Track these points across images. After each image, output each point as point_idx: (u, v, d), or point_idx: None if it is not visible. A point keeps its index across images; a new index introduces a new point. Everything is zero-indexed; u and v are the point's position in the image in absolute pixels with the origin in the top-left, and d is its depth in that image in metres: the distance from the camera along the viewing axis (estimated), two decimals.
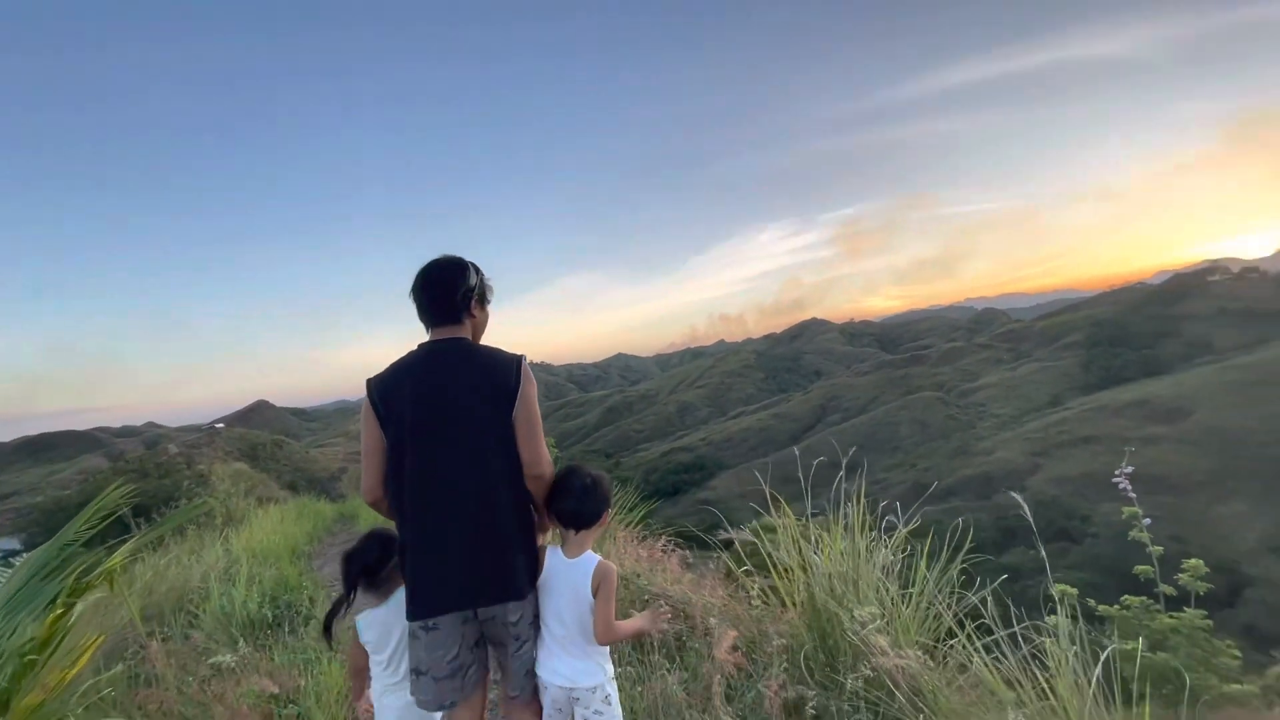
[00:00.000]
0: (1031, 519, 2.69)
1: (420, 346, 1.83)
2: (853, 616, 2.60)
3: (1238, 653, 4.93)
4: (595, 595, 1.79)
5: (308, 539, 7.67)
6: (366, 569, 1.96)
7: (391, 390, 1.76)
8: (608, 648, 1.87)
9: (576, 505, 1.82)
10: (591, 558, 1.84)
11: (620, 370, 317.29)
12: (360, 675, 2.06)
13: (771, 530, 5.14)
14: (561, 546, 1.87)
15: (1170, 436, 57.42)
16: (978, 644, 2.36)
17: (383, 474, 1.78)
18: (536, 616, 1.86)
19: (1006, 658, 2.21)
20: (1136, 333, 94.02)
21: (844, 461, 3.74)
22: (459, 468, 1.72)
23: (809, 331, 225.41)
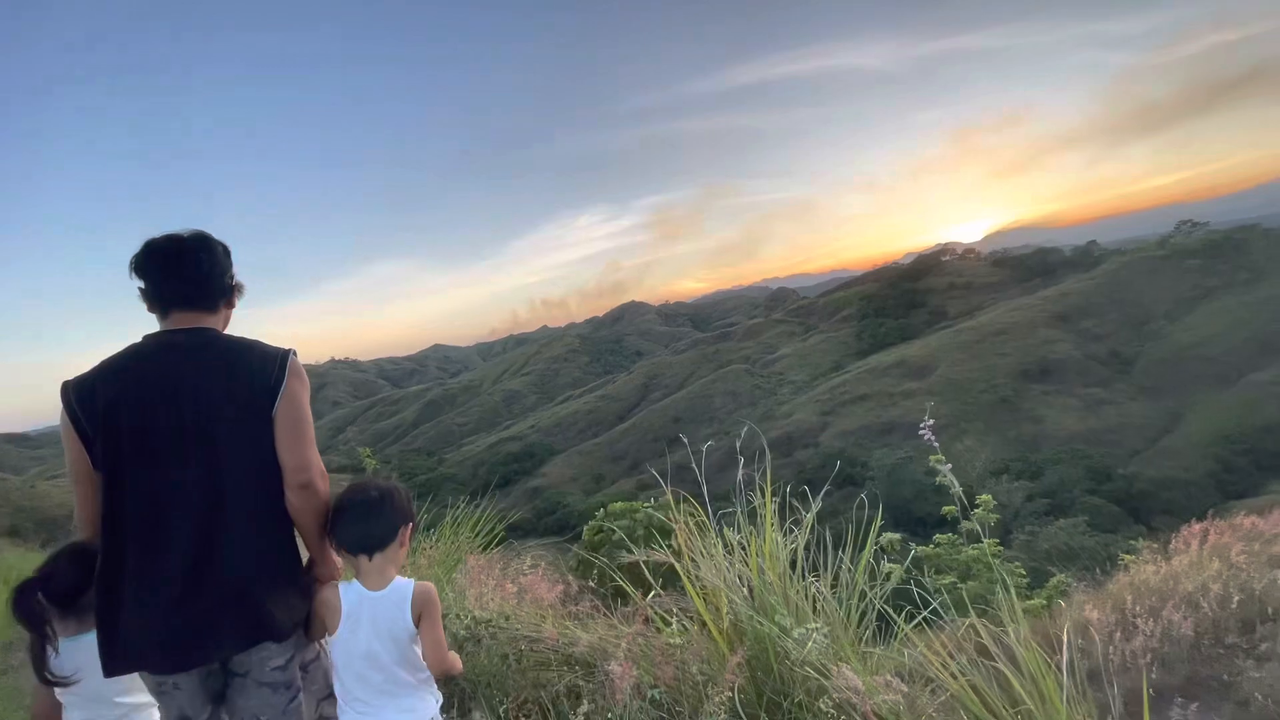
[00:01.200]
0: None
1: (148, 338, 1.47)
2: (791, 635, 2.10)
3: (1024, 573, 5.76)
4: (419, 624, 1.57)
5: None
6: (64, 596, 1.60)
7: (100, 395, 1.37)
8: (432, 681, 1.63)
9: (363, 527, 1.56)
10: (404, 584, 1.59)
11: (438, 362, 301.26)
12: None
13: (627, 515, 4.98)
14: (358, 579, 1.59)
15: (921, 390, 69.43)
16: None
17: (98, 503, 1.39)
18: (311, 663, 1.65)
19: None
20: (894, 305, 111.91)
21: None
22: (198, 488, 1.38)
23: (629, 314, 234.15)
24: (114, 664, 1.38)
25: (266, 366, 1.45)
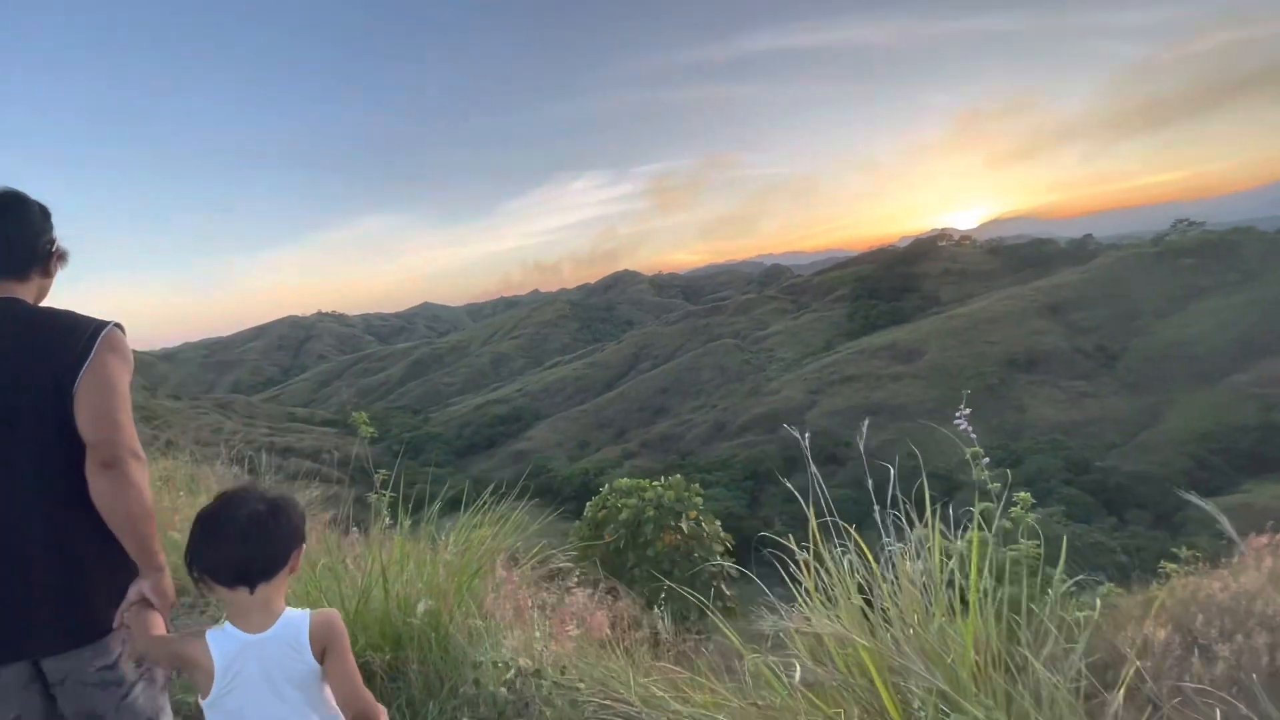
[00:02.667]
0: (808, 448, 2.44)
1: None
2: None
3: (1065, 577, 5.63)
4: (323, 661, 1.24)
5: None
6: None
7: None
8: None
9: (242, 550, 1.20)
10: (295, 617, 1.25)
11: (427, 320, 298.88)
12: None
13: (635, 494, 4.69)
14: (230, 620, 1.23)
15: (909, 373, 70.01)
16: None
17: None
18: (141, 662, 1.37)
19: None
20: (887, 288, 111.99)
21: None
22: (17, 477, 1.25)
23: (621, 282, 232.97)
24: None
25: (73, 338, 1.28)
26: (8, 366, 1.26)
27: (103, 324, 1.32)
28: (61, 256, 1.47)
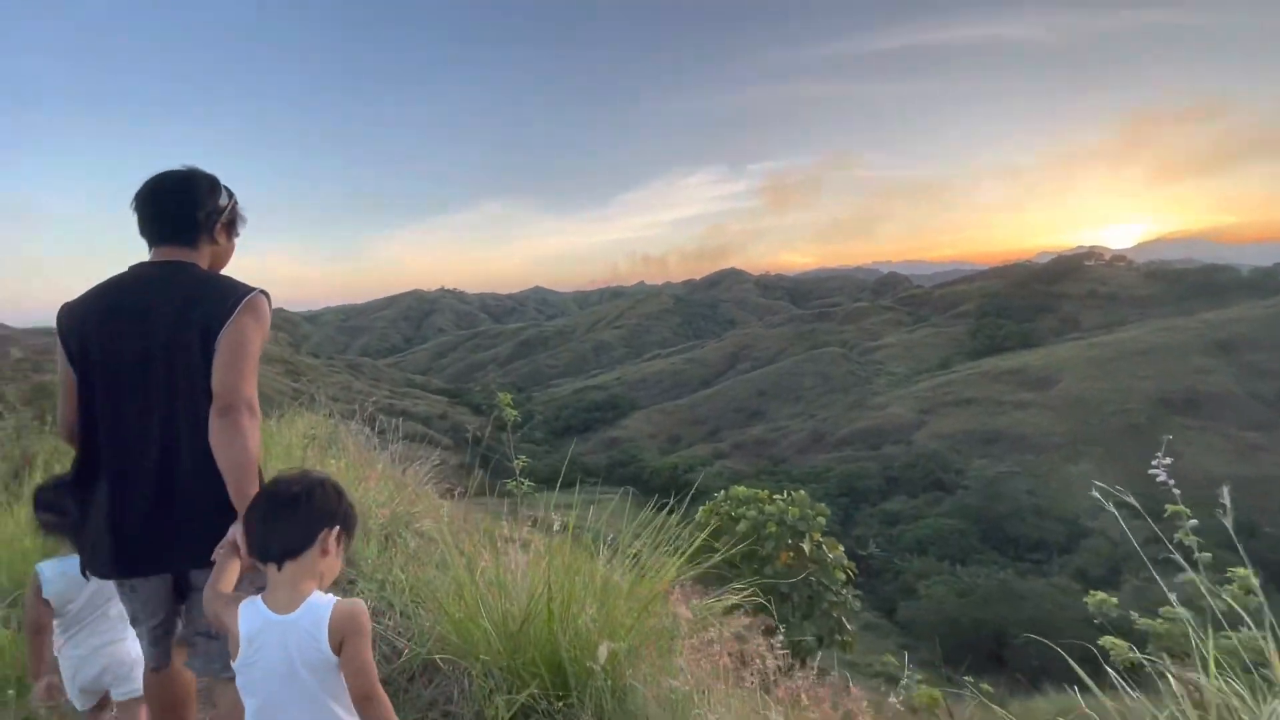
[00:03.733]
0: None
1: (131, 268, 1.56)
2: None
3: None
4: (339, 652, 1.23)
5: None
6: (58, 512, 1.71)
7: (80, 320, 1.51)
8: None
9: (268, 527, 1.28)
10: (319, 604, 1.25)
11: (537, 304, 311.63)
12: (41, 636, 1.78)
13: (754, 504, 4.47)
14: (265, 595, 1.28)
15: (1037, 402, 63.78)
16: None
17: (75, 412, 1.55)
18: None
19: None
20: (1019, 307, 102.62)
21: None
22: (154, 415, 1.47)
23: (727, 280, 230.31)
24: (90, 568, 1.56)
25: (223, 300, 1.47)
26: (171, 321, 1.46)
27: (249, 290, 1.51)
28: (232, 224, 1.67)
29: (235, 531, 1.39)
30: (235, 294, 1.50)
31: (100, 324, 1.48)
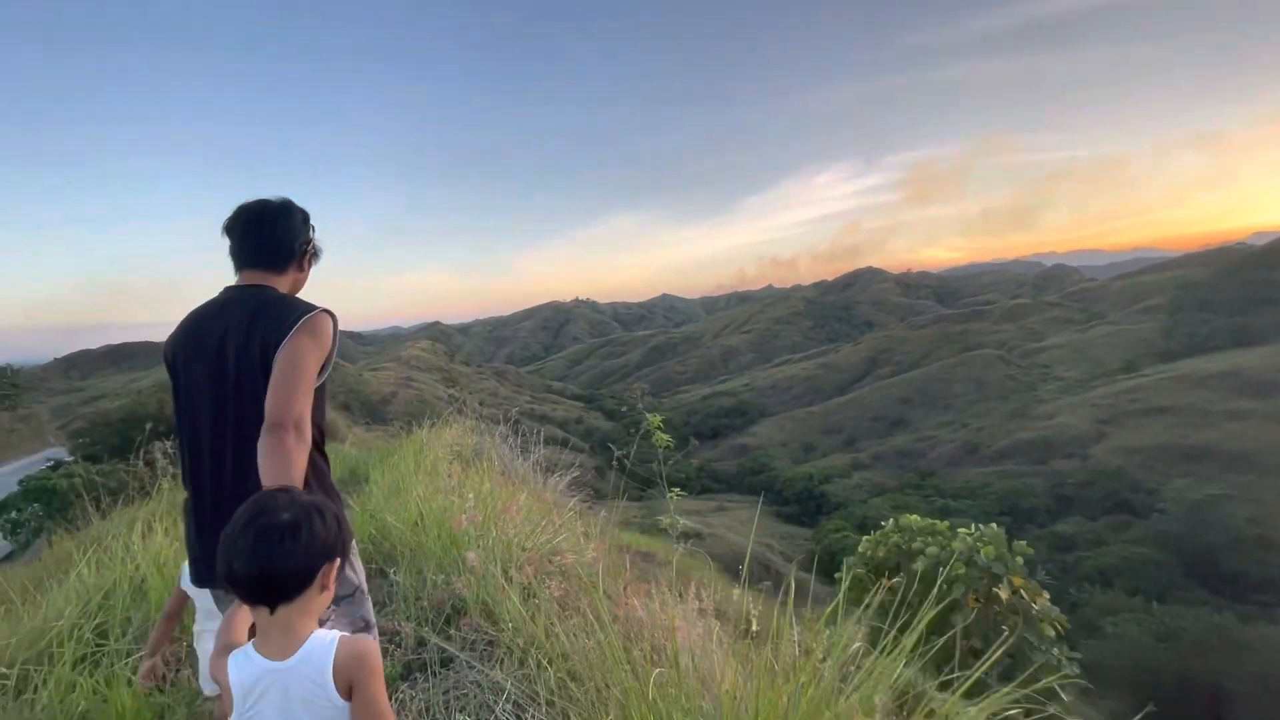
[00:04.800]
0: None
1: (223, 291, 1.64)
2: None
3: None
4: (350, 698, 1.08)
5: None
6: None
7: (172, 347, 1.60)
8: None
9: (258, 564, 1.04)
10: (321, 645, 1.08)
11: (665, 311, 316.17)
12: (168, 621, 1.83)
13: (932, 537, 3.90)
14: (255, 641, 1.10)
15: (1260, 412, 53.09)
16: None
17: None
18: (340, 598, 1.53)
19: None
20: (1229, 298, 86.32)
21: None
22: (227, 435, 1.53)
23: (862, 280, 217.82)
24: (193, 575, 1.65)
25: (286, 320, 1.50)
26: (241, 341, 1.51)
27: (310, 309, 1.53)
28: (314, 256, 1.75)
29: None
30: (296, 313, 1.52)
31: (185, 349, 1.57)
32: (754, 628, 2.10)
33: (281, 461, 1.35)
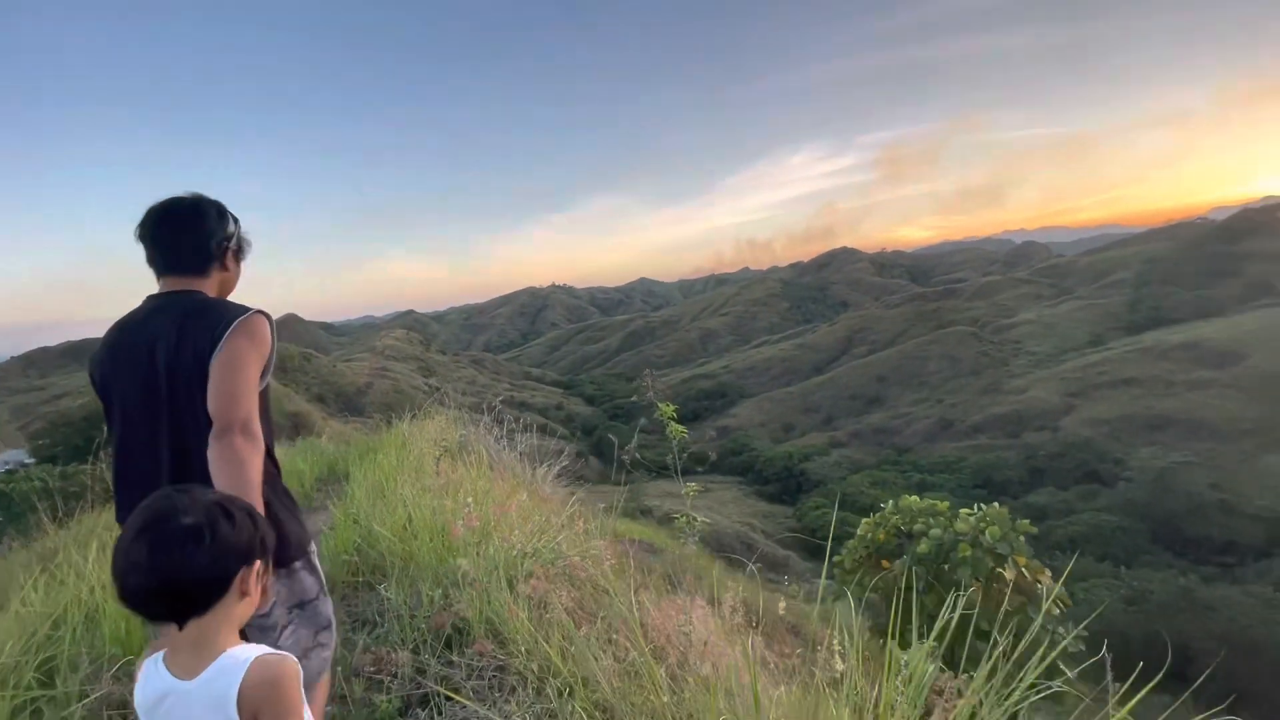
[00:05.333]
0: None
1: (145, 300, 1.53)
2: None
3: None
4: None
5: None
6: None
7: (98, 361, 1.50)
8: None
9: (154, 579, 0.88)
10: (231, 666, 0.93)
11: (643, 295, 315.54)
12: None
13: (936, 519, 3.82)
14: (163, 657, 0.96)
15: (1220, 381, 54.96)
16: None
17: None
18: (303, 603, 1.53)
19: None
20: (1191, 272, 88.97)
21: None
22: (162, 449, 1.44)
23: (837, 261, 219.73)
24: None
25: (219, 325, 1.42)
26: (170, 351, 1.41)
27: (243, 311, 1.44)
28: (240, 251, 1.64)
29: None
30: (228, 316, 1.44)
31: (111, 361, 1.47)
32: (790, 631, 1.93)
33: (234, 466, 1.29)
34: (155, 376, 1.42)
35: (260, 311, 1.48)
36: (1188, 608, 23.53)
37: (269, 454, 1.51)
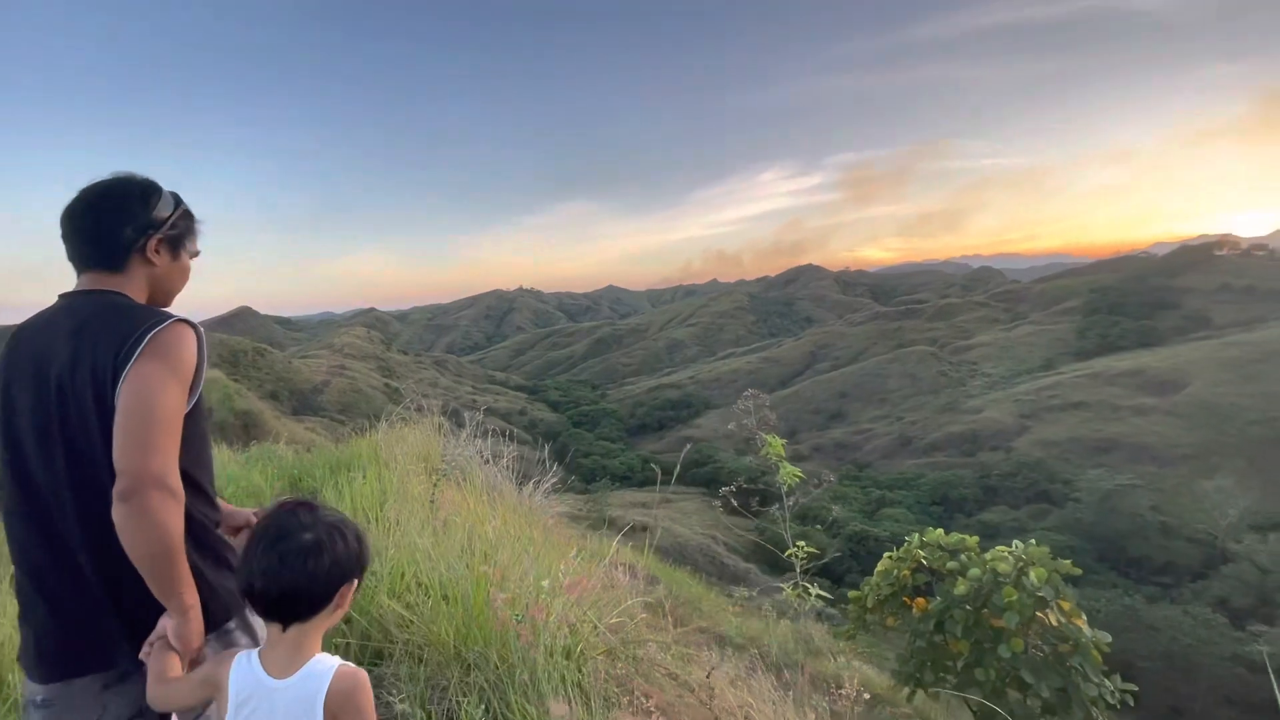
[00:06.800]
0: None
1: (59, 298, 1.24)
2: None
3: None
4: None
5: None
6: None
7: (4, 366, 1.20)
8: None
9: (276, 586, 1.03)
10: (320, 671, 1.06)
11: (611, 302, 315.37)
12: None
13: (971, 557, 3.43)
14: (259, 654, 1.08)
15: (1160, 408, 57.60)
16: None
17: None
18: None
19: None
20: (1136, 303, 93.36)
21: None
22: (58, 480, 1.14)
23: (804, 277, 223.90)
24: (34, 673, 1.20)
25: (125, 340, 1.11)
26: (68, 364, 1.13)
27: (158, 322, 1.13)
28: (175, 241, 1.28)
29: (165, 624, 1.11)
30: (137, 328, 1.11)
31: (5, 375, 1.18)
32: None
33: (146, 532, 1.04)
34: (47, 401, 1.12)
35: (181, 320, 1.16)
36: (1133, 626, 24.26)
37: (200, 493, 1.20)
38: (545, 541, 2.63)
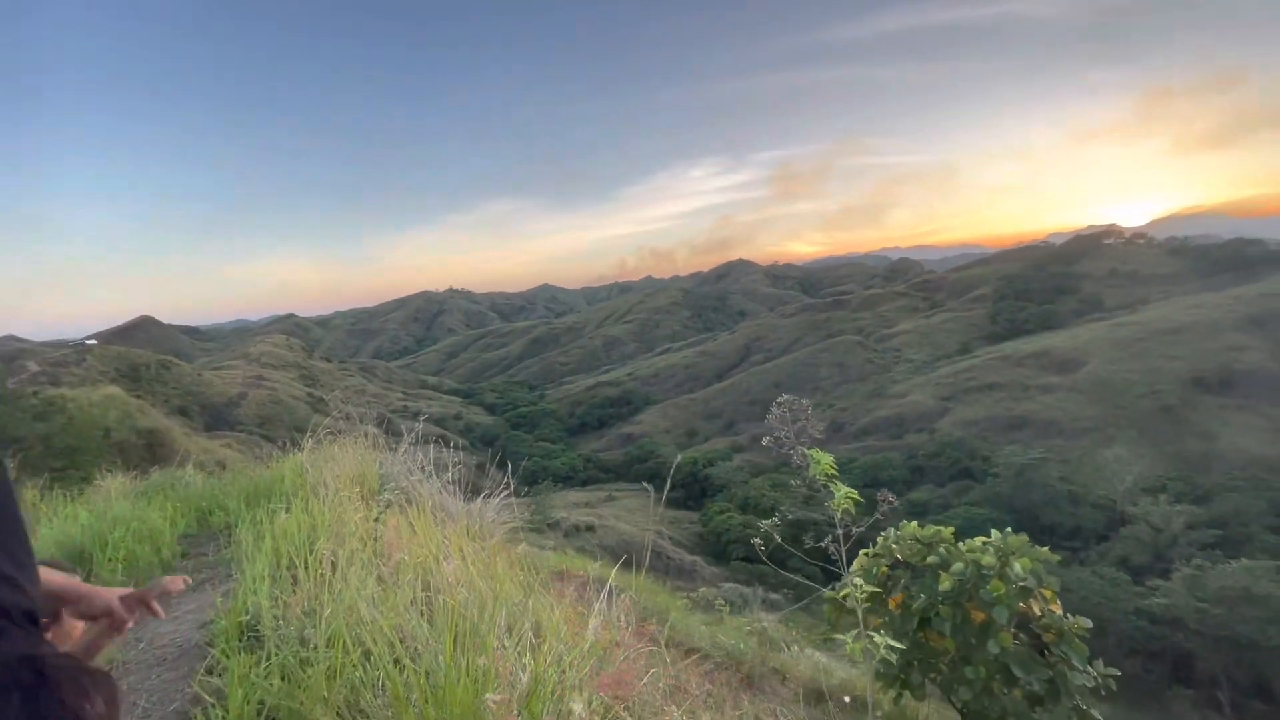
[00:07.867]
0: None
1: None
2: None
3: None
4: None
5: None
6: None
7: None
8: None
9: None
10: None
11: (546, 301, 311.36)
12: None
13: (952, 549, 3.36)
14: None
15: (1063, 386, 62.23)
16: None
17: None
18: None
19: None
20: (1038, 289, 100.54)
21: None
22: None
23: (735, 272, 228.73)
24: None
25: None
26: None
27: None
28: None
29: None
30: None
31: None
32: None
33: None
34: None
35: None
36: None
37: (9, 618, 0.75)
38: (515, 579, 2.26)
